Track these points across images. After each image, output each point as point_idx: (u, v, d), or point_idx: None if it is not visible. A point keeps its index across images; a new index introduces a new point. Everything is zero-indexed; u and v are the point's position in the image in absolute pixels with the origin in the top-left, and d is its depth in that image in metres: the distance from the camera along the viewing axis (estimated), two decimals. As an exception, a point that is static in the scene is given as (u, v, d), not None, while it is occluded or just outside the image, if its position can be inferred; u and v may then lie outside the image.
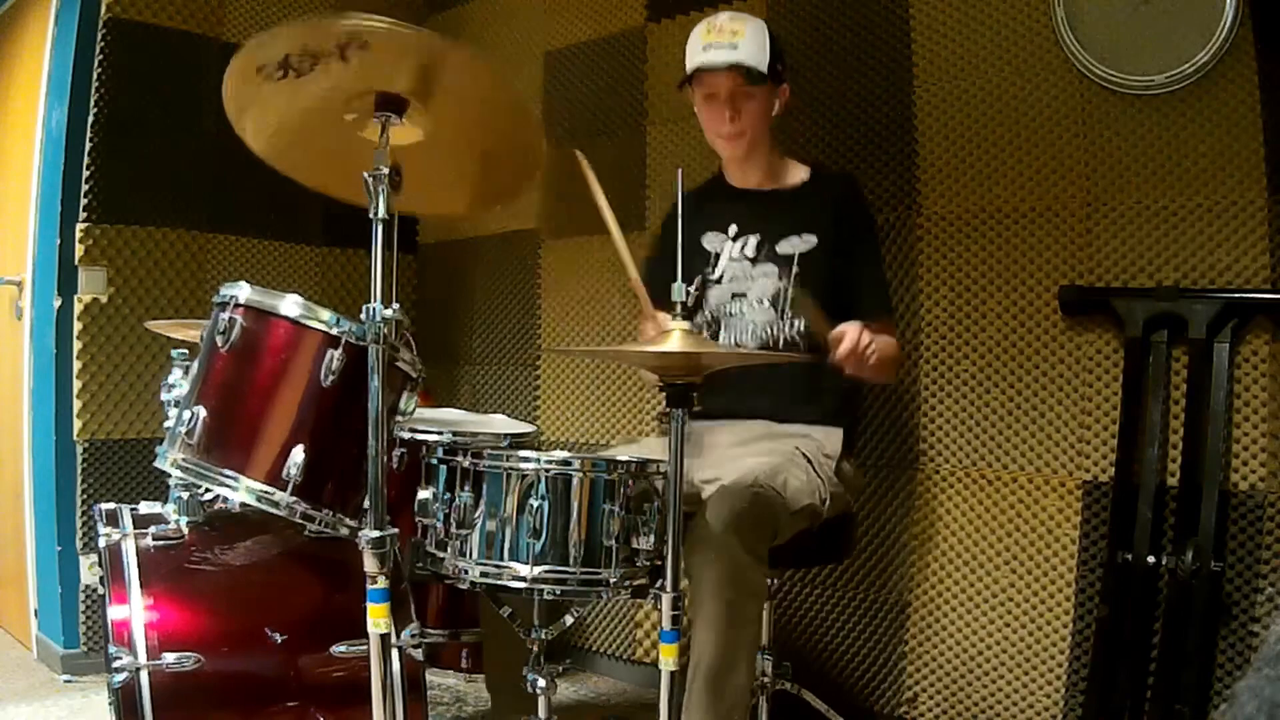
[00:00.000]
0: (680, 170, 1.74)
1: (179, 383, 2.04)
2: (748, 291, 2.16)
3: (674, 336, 1.55)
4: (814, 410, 2.10)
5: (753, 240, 2.17)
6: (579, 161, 1.87)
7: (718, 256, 2.21)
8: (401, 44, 1.53)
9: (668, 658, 1.58)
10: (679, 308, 1.59)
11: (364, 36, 1.48)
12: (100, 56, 2.88)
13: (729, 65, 2.08)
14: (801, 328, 2.10)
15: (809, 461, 1.97)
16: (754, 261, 2.16)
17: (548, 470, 1.62)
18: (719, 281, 2.19)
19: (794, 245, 2.13)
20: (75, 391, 2.86)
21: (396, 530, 1.57)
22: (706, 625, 1.78)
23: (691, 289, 1.59)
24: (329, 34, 1.50)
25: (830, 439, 2.07)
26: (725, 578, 1.78)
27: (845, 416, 2.14)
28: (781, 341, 2.12)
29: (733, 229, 2.21)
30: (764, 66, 2.08)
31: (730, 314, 2.17)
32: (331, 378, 1.68)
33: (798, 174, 2.24)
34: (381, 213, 1.55)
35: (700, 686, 1.77)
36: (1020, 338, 2.34)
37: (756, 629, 1.85)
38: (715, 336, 2.18)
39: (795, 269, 2.11)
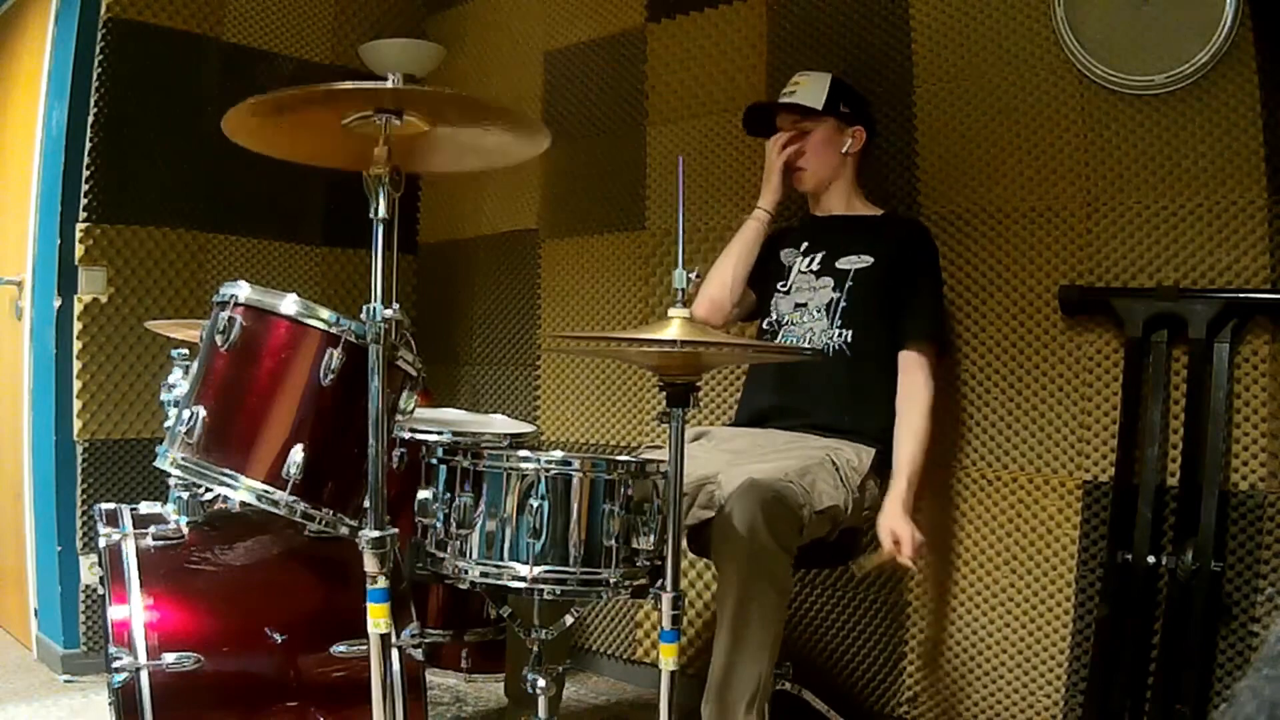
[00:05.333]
0: (681, 158, 1.75)
1: (179, 383, 2.04)
2: (809, 302, 2.29)
3: (673, 325, 1.54)
4: (853, 427, 2.17)
5: (819, 256, 2.31)
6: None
7: (789, 269, 2.35)
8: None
9: (668, 658, 1.58)
10: (679, 294, 1.59)
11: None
12: (100, 56, 2.88)
13: (782, 105, 2.34)
14: (849, 338, 2.22)
15: (836, 469, 2.03)
16: (817, 274, 2.30)
17: (548, 470, 1.62)
18: (787, 292, 2.33)
19: (851, 262, 2.26)
20: (75, 391, 2.85)
21: (396, 530, 1.57)
22: (730, 614, 1.82)
23: (693, 276, 1.61)
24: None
25: (863, 457, 2.12)
26: (750, 566, 1.82)
27: (883, 441, 2.17)
28: (833, 349, 2.22)
29: (804, 245, 2.36)
30: (815, 104, 2.29)
31: (790, 322, 2.30)
32: (331, 377, 1.68)
33: (872, 210, 2.40)
34: (381, 213, 1.55)
35: (721, 673, 1.79)
36: (1020, 338, 2.34)
37: (779, 623, 1.87)
38: (773, 339, 2.32)
39: (850, 283, 2.25)
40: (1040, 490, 2.31)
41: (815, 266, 2.31)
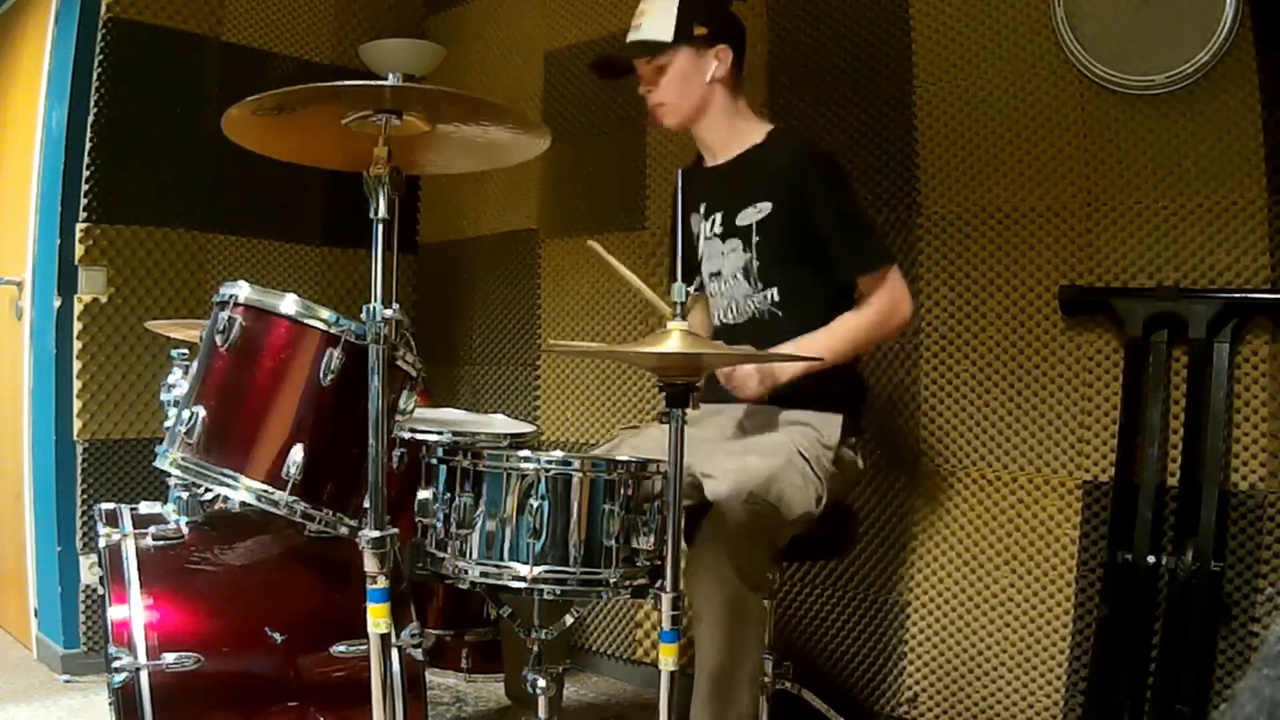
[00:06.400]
0: (680, 170, 1.74)
1: (179, 383, 2.04)
2: (721, 269, 2.15)
3: (673, 336, 1.55)
4: (812, 395, 2.04)
5: (718, 216, 2.16)
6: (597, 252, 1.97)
7: (699, 237, 2.21)
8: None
9: (668, 658, 1.57)
10: (678, 308, 1.59)
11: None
12: (100, 56, 2.88)
13: (623, 47, 2.13)
14: (775, 296, 2.08)
15: (806, 461, 1.95)
16: (722, 238, 2.15)
17: (548, 470, 1.62)
18: (700, 262, 2.20)
19: (750, 216, 2.09)
20: (75, 391, 2.85)
21: (396, 530, 1.57)
22: (705, 652, 1.80)
23: (691, 289, 1.60)
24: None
25: (829, 426, 2.02)
26: (724, 608, 1.79)
27: (846, 403, 2.08)
28: (764, 314, 2.10)
29: (703, 206, 2.19)
30: (663, 36, 2.06)
31: (712, 294, 2.18)
32: (331, 377, 1.68)
33: (753, 135, 2.14)
34: (382, 213, 1.55)
35: (701, 712, 1.78)
36: (1020, 338, 2.34)
37: (757, 656, 1.86)
38: None
39: (756, 237, 2.09)
40: (1040, 490, 2.31)
41: (719, 229, 2.14)
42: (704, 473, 1.86)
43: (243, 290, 1.72)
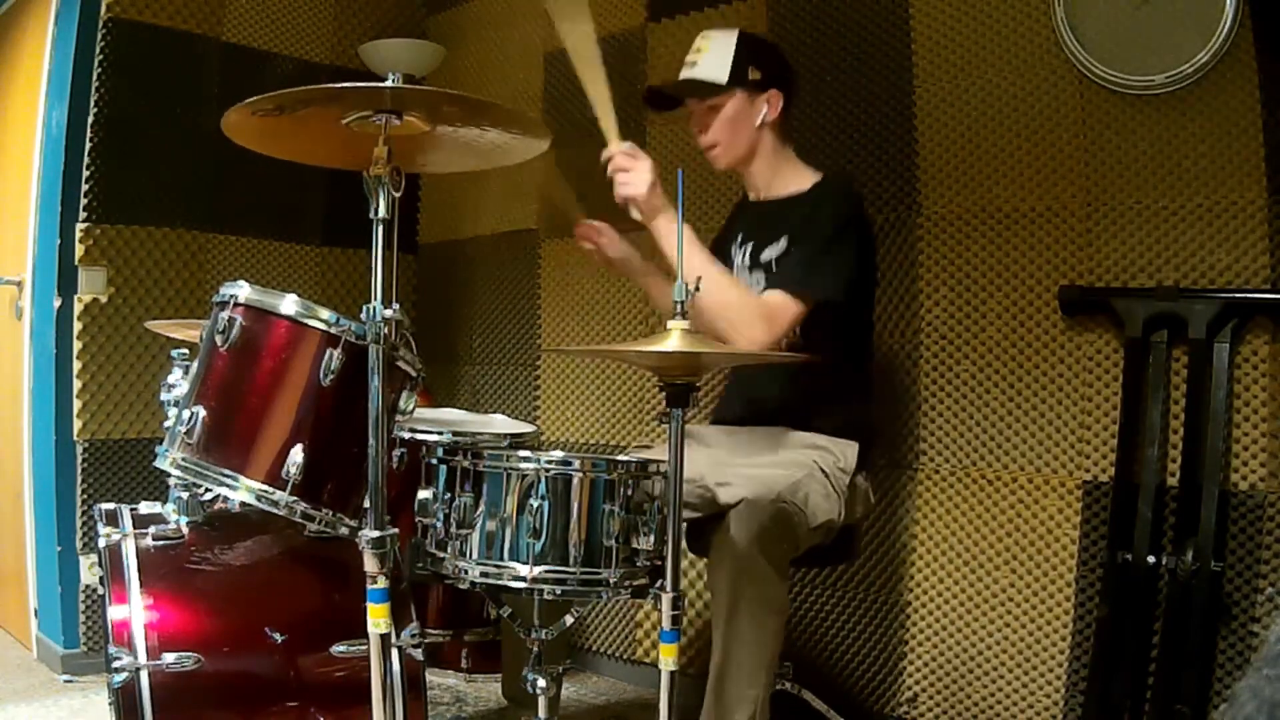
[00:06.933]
0: (680, 171, 1.74)
1: (179, 383, 2.04)
2: None
3: (673, 336, 1.55)
4: (830, 421, 2.09)
5: (749, 249, 2.19)
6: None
7: (733, 266, 2.23)
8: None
9: (668, 658, 1.58)
10: (678, 307, 1.59)
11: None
12: (100, 56, 2.88)
13: (679, 84, 2.16)
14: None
15: (827, 476, 1.98)
16: (750, 270, 2.18)
17: (548, 470, 1.62)
18: None
19: (772, 252, 2.12)
20: (75, 391, 2.85)
21: (396, 530, 1.57)
22: (727, 638, 1.81)
23: (692, 288, 1.60)
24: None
25: (846, 452, 2.06)
26: (749, 595, 1.80)
27: (861, 431, 2.11)
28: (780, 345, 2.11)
29: (740, 236, 2.24)
30: (718, 78, 2.09)
31: None
32: (331, 377, 1.68)
33: (802, 181, 2.17)
34: (381, 213, 1.55)
35: (715, 696, 1.79)
36: (1020, 338, 2.34)
37: (776, 643, 1.86)
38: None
39: (776, 271, 2.10)
40: (1040, 490, 2.31)
41: (747, 261, 2.18)
42: (718, 482, 1.87)
43: (243, 290, 1.72)
